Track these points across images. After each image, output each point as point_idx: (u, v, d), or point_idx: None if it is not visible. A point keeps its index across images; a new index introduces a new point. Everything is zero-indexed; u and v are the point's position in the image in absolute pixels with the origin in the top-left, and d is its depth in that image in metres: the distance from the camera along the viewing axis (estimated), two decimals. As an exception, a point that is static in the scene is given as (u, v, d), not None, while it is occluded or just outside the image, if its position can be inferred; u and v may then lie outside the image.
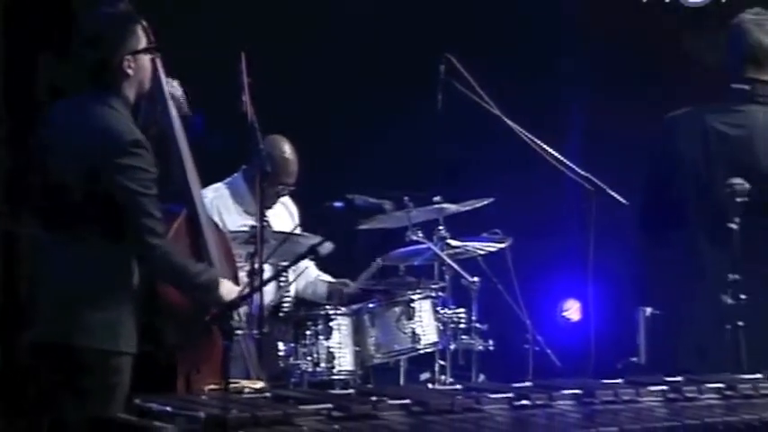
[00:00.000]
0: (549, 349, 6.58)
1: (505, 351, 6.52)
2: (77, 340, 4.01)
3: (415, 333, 5.88)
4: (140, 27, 4.14)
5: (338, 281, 6.29)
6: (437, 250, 6.10)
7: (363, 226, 6.07)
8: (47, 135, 4.22)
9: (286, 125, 6.14)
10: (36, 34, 6.72)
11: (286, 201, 6.24)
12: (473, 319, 6.17)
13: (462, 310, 6.14)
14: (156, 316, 4.21)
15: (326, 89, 7.13)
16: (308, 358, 5.63)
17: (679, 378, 3.29)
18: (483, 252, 6.31)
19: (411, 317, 5.88)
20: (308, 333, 5.67)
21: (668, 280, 4.28)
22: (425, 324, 5.92)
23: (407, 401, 2.80)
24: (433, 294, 6.03)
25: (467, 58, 5.87)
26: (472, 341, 6.13)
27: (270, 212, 6.00)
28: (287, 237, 5.61)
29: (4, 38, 6.73)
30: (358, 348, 5.81)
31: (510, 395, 2.96)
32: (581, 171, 5.72)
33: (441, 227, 6.29)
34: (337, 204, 4.93)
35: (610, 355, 5.98)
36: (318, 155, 6.54)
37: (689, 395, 3.17)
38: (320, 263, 6.36)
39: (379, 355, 5.88)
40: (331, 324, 5.72)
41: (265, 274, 5.79)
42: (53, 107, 4.31)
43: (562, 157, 5.76)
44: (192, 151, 4.44)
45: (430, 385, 5.72)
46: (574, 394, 3.03)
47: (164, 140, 4.45)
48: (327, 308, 5.86)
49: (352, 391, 3.04)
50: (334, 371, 5.68)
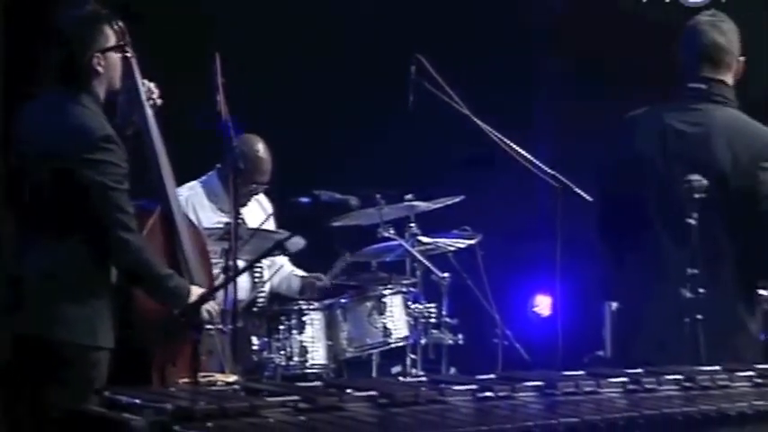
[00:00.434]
0: (520, 343, 6.61)
1: (475, 345, 6.54)
2: (56, 334, 3.99)
3: (386, 327, 5.89)
4: (110, 26, 4.12)
5: (311, 275, 6.29)
6: (408, 247, 6.12)
7: (336, 223, 6.08)
8: (20, 134, 4.19)
9: (260, 124, 6.13)
10: (35, 33, 6.69)
11: (261, 198, 6.22)
12: (443, 313, 6.21)
13: (433, 305, 6.17)
14: (132, 311, 4.19)
15: (300, 88, 7.12)
16: (282, 352, 5.64)
17: (639, 370, 3.29)
18: (453, 248, 6.34)
19: (382, 312, 5.89)
20: (282, 328, 5.67)
21: (629, 275, 4.28)
22: (396, 319, 5.94)
23: (373, 393, 2.79)
24: (404, 290, 6.05)
25: (440, 59, 5.89)
26: (442, 335, 6.16)
27: (244, 210, 5.98)
28: (260, 233, 5.60)
29: (4, 36, 6.70)
30: (330, 342, 5.82)
31: (474, 387, 2.95)
32: (548, 169, 5.74)
33: (412, 224, 6.31)
34: (304, 200, 4.92)
35: (577, 348, 6.02)
36: (292, 153, 6.52)
37: (648, 386, 3.16)
38: (295, 259, 6.36)
39: (352, 349, 5.89)
40: (304, 319, 5.73)
41: (239, 270, 5.82)
42: (25, 106, 4.28)
43: (530, 156, 5.79)
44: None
45: (401, 378, 5.71)
46: (536, 386, 3.02)
47: (139, 138, 4.44)
48: (300, 303, 5.87)
49: (320, 384, 3.01)
50: (307, 365, 5.69)
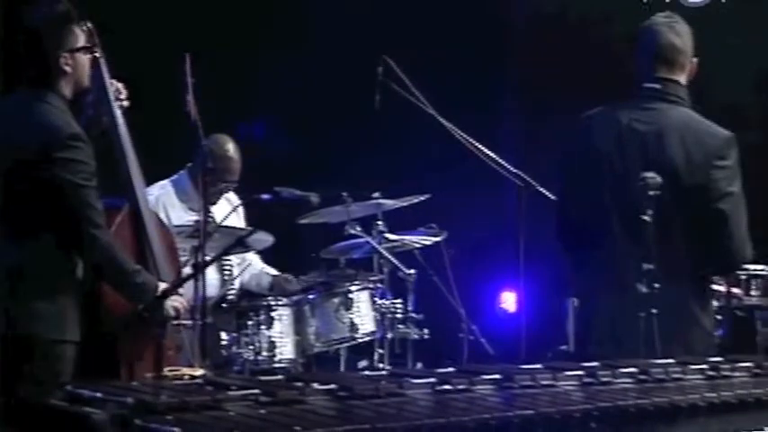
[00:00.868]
0: (486, 339, 6.61)
1: (441, 340, 6.54)
2: (23, 328, 3.96)
3: (353, 323, 5.90)
4: (78, 26, 4.10)
5: (281, 275, 6.27)
6: (375, 244, 6.12)
7: (304, 221, 6.07)
8: None
9: (229, 123, 6.11)
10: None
11: (230, 197, 6.19)
12: (409, 309, 6.21)
13: (399, 301, 6.17)
14: (99, 306, 4.17)
15: (270, 88, 7.10)
16: (250, 347, 5.62)
17: (595, 363, 3.28)
18: (419, 245, 6.34)
19: (349, 307, 5.89)
20: (250, 323, 5.66)
21: (588, 271, 4.28)
22: (363, 314, 5.94)
23: (333, 387, 2.77)
24: (371, 286, 6.05)
25: (410, 60, 5.89)
26: (408, 330, 6.17)
27: (214, 208, 5.98)
28: (228, 230, 5.57)
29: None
30: (298, 338, 5.81)
31: (432, 380, 2.94)
32: (511, 168, 5.75)
33: (379, 221, 6.30)
34: (264, 197, 4.92)
35: (542, 343, 6.02)
36: (261, 153, 6.52)
37: (604, 379, 3.15)
38: (264, 256, 6.35)
39: (319, 344, 5.88)
40: (272, 314, 5.72)
41: (210, 268, 5.79)
42: None
43: (494, 155, 5.79)
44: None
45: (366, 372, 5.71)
46: (494, 379, 3.01)
47: (107, 137, 4.42)
48: (269, 299, 5.85)
49: (282, 378, 2.98)
50: (276, 359, 5.68)
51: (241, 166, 5.99)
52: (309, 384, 2.78)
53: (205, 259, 4.43)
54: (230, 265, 6.06)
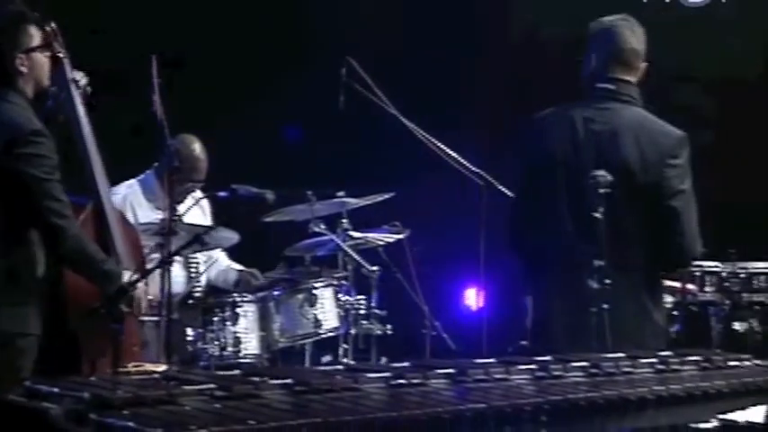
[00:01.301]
0: (451, 335, 6.61)
1: (405, 335, 6.53)
2: None
3: (317, 319, 5.88)
4: (33, 26, 4.06)
5: (247, 270, 6.24)
6: (338, 241, 6.10)
7: (269, 218, 6.05)
8: None
9: (196, 123, 6.08)
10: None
11: (198, 196, 6.16)
12: (372, 305, 6.20)
13: (362, 297, 6.17)
14: (61, 299, 4.14)
15: (236, 90, 7.08)
16: (216, 343, 5.59)
17: (548, 358, 3.28)
18: (382, 243, 6.34)
19: (313, 304, 5.87)
20: (216, 319, 5.63)
21: (543, 268, 4.27)
22: (327, 310, 5.92)
23: (289, 381, 2.75)
24: (335, 283, 6.04)
25: (375, 61, 5.89)
26: (371, 326, 6.16)
27: (181, 207, 5.94)
28: (194, 228, 5.53)
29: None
30: (263, 333, 5.79)
31: (387, 375, 2.93)
32: (472, 167, 5.74)
33: (344, 219, 6.29)
34: (221, 194, 4.90)
35: (504, 338, 6.02)
36: (231, 154, 6.48)
37: (556, 373, 3.15)
38: (230, 254, 6.32)
39: (284, 340, 5.86)
40: (238, 311, 5.69)
41: (176, 265, 5.75)
42: None
43: (455, 154, 5.79)
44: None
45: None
46: (447, 373, 3.00)
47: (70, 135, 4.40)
48: (234, 295, 5.82)
49: (238, 373, 2.96)
50: (241, 354, 5.65)
51: (207, 165, 5.97)
52: (265, 379, 2.76)
53: (168, 256, 4.39)
54: (196, 262, 6.03)
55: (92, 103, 4.44)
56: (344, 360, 6.00)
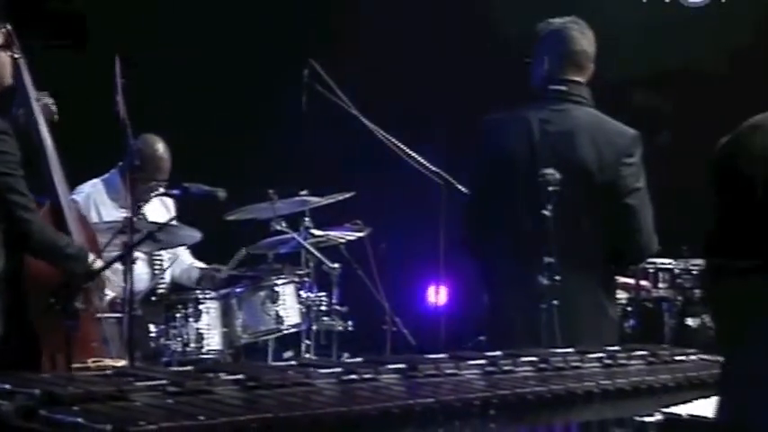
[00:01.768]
0: (414, 331, 6.59)
1: (366, 331, 6.51)
2: None
3: (278, 315, 5.86)
4: None
5: (210, 267, 6.21)
6: (299, 239, 6.08)
7: (232, 217, 6.02)
8: None
9: (159, 124, 6.04)
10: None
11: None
12: (333, 302, 6.18)
13: (324, 294, 6.14)
14: (20, 298, 4.09)
15: (202, 90, 7.03)
16: (178, 339, 5.56)
17: (498, 353, 3.26)
18: (343, 241, 6.31)
19: (275, 300, 5.85)
20: (179, 315, 5.59)
21: (499, 265, 4.26)
22: (288, 307, 5.90)
23: (241, 377, 2.73)
24: (296, 280, 6.01)
25: (337, 63, 5.87)
26: (333, 322, 6.14)
27: (148, 207, 5.91)
28: (161, 227, 5.50)
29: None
30: (226, 329, 5.76)
31: (339, 370, 2.90)
32: (431, 167, 5.74)
33: (307, 218, 6.27)
34: (173, 191, 4.88)
35: (466, 334, 6.02)
36: (201, 155, 6.45)
37: (505, 368, 3.14)
38: (194, 251, 6.29)
39: (246, 336, 5.84)
40: (200, 307, 5.65)
41: (140, 262, 5.72)
42: None
43: (415, 154, 5.78)
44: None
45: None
46: (398, 368, 2.98)
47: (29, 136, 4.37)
48: (197, 292, 5.79)
49: (191, 368, 2.93)
50: (203, 350, 5.62)
51: (170, 165, 5.92)
52: (218, 374, 2.73)
53: (122, 252, 4.36)
54: (161, 259, 5.99)
55: (54, 120, 4.43)
56: (307, 356, 5.98)
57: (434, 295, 7.55)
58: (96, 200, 5.82)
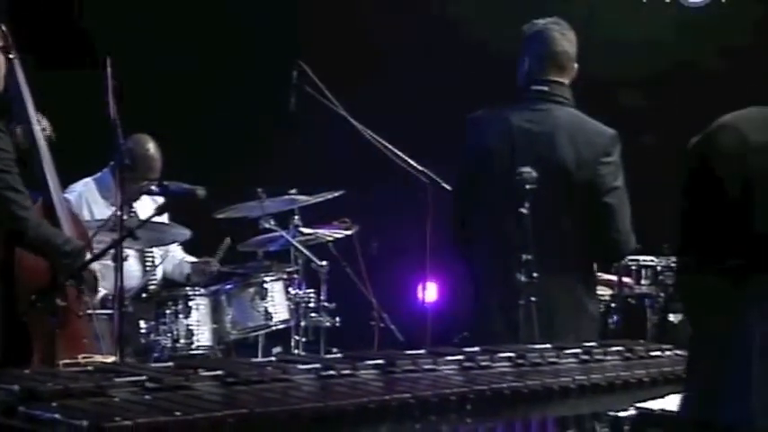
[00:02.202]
0: (405, 327, 6.57)
1: (354, 327, 6.49)
2: None
3: (267, 311, 5.85)
4: None
5: (201, 260, 6.19)
6: (288, 237, 6.07)
7: (221, 215, 6.01)
8: None
9: (152, 124, 6.01)
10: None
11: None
12: (322, 298, 6.16)
13: (312, 290, 6.12)
14: (11, 293, 4.07)
15: (191, 90, 7.01)
16: (168, 335, 5.54)
17: (475, 348, 3.24)
18: (331, 238, 6.29)
19: (264, 297, 5.84)
20: (169, 312, 5.57)
21: (482, 263, 4.24)
22: (277, 303, 5.89)
23: (220, 373, 2.70)
24: (285, 276, 5.99)
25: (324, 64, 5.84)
26: (321, 318, 6.12)
27: (137, 204, 5.89)
28: (150, 225, 5.47)
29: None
30: (215, 326, 5.75)
31: (317, 366, 2.88)
32: (418, 166, 5.72)
33: (296, 216, 6.25)
34: (153, 189, 4.86)
35: (453, 331, 6.00)
36: (191, 154, 6.42)
37: (483, 364, 3.12)
38: (185, 249, 6.27)
39: (235, 332, 5.82)
40: (190, 303, 5.64)
41: (131, 259, 5.70)
42: None
43: (401, 153, 5.76)
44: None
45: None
46: (377, 364, 2.96)
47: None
48: (187, 288, 5.77)
49: (171, 365, 2.90)
50: (193, 346, 5.60)
51: (161, 164, 5.90)
52: (197, 371, 2.71)
53: (102, 250, 4.34)
54: (152, 256, 5.97)
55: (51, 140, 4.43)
56: (296, 351, 5.96)
57: (424, 292, 7.53)
58: (88, 198, 5.79)
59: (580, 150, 4.10)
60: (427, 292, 7.21)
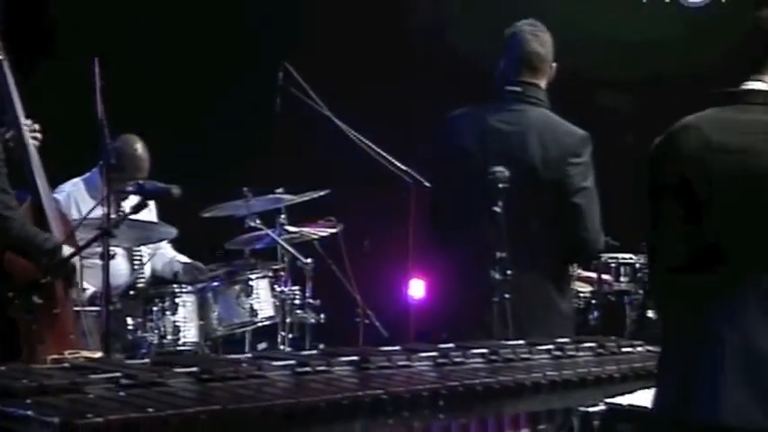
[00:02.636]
0: (391, 324, 6.55)
1: (340, 324, 6.46)
2: None
3: (252, 308, 5.82)
4: None
5: (192, 264, 6.14)
6: (273, 235, 6.04)
7: (208, 214, 5.98)
8: None
9: (140, 125, 5.98)
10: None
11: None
12: (307, 295, 6.13)
13: (297, 288, 6.10)
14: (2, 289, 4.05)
15: (177, 90, 6.97)
16: (155, 331, 5.49)
17: (449, 345, 3.22)
18: (317, 237, 6.27)
19: (249, 294, 5.81)
20: (156, 309, 5.53)
21: (456, 260, 4.21)
22: (262, 300, 5.86)
23: (194, 369, 2.68)
24: (270, 274, 5.96)
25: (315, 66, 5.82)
26: (306, 315, 6.09)
27: (126, 203, 5.84)
28: (136, 224, 5.44)
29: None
30: (202, 322, 5.71)
31: (293, 362, 2.86)
32: (401, 165, 5.71)
33: (282, 215, 6.22)
34: (128, 188, 4.83)
35: (438, 327, 5.95)
36: (177, 154, 6.39)
37: (456, 360, 3.10)
38: (174, 246, 6.24)
39: (221, 329, 5.79)
40: (177, 301, 5.60)
41: (119, 258, 5.67)
42: None
43: (385, 153, 5.75)
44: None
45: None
46: (351, 361, 2.94)
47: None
48: (174, 286, 5.73)
49: (147, 361, 2.88)
50: (180, 343, 5.56)
51: (149, 164, 5.86)
52: (173, 367, 2.69)
53: (81, 247, 4.31)
54: (140, 254, 5.93)
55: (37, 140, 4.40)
56: (282, 347, 5.94)
57: (410, 289, 7.51)
58: (77, 197, 5.75)
59: (548, 150, 4.07)
60: (413, 289, 7.22)
